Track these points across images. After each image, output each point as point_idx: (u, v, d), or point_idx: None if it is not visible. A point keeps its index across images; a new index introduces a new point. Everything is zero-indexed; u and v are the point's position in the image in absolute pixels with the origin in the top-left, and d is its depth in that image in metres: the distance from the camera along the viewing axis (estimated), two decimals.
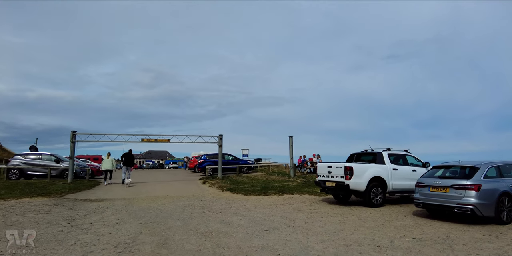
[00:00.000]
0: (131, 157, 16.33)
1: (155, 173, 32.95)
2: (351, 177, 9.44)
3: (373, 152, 10.89)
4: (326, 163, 10.47)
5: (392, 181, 10.06)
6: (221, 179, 16.21)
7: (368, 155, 11.18)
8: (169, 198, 11.79)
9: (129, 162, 15.97)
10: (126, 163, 15.95)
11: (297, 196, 11.98)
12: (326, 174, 10.24)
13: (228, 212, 8.79)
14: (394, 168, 10.23)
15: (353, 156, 11.55)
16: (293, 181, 16.33)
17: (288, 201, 10.91)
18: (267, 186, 14.03)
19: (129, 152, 16.51)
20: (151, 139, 16.54)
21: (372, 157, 10.87)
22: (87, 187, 14.34)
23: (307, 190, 13.26)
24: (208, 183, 15.40)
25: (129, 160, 16.06)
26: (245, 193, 12.50)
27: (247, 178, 16.53)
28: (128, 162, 15.96)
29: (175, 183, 16.71)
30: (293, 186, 14.57)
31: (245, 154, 37.56)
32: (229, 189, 13.48)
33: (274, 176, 17.64)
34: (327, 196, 11.94)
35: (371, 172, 9.77)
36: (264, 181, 15.96)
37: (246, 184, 14.60)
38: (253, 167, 23.92)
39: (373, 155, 10.80)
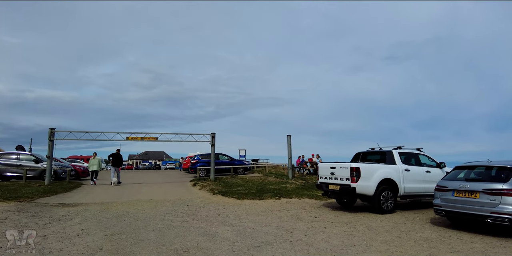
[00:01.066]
0: (119, 157, 15.68)
1: (149, 174, 31.66)
2: (358, 180, 8.18)
3: (382, 151, 9.65)
4: (328, 163, 9.22)
5: (404, 184, 8.82)
6: (213, 181, 14.95)
7: (376, 154, 9.94)
8: (152, 202, 10.52)
9: (116, 162, 15.37)
10: (113, 164, 15.38)
11: (295, 200, 10.72)
12: (329, 176, 8.99)
13: (215, 220, 7.53)
14: (406, 169, 8.99)
15: (359, 156, 10.31)
16: (291, 183, 15.08)
17: (286, 206, 9.65)
18: (263, 189, 12.77)
19: (117, 152, 15.80)
20: (136, 138, 15.27)
21: (381, 157, 9.63)
22: (65, 189, 13.05)
23: (306, 194, 12.01)
24: (199, 186, 14.13)
25: (117, 160, 15.43)
26: (238, 196, 11.24)
27: (242, 180, 15.27)
28: (116, 162, 15.36)
29: (164, 185, 15.44)
30: (291, 188, 13.32)
31: (242, 155, 36.37)
32: (220, 192, 12.22)
33: (271, 178, 16.39)
34: (329, 201, 10.70)
35: (381, 173, 8.52)
36: (260, 183, 14.70)
37: (240, 187, 13.34)
38: (249, 168, 22.65)
39: (382, 154, 9.56)
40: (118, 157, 15.64)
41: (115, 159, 15.49)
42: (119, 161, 15.58)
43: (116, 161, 15.46)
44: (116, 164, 15.41)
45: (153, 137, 15.38)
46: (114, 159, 15.49)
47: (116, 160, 15.46)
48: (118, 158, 15.59)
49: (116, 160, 15.46)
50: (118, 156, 15.64)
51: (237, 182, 14.75)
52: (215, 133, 15.92)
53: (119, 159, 15.62)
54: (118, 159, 15.54)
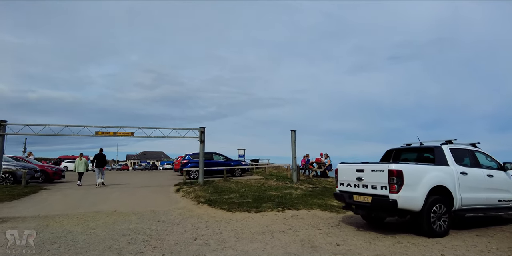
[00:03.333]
0: (102, 158, 14.86)
1: (139, 175, 29.04)
2: (400, 188, 5.53)
3: (425, 147, 7.02)
4: (352, 164, 6.56)
5: (460, 193, 6.18)
6: (202, 186, 12.34)
7: (416, 151, 7.33)
8: (114, 215, 7.93)
9: (100, 163, 14.57)
10: (97, 164, 14.56)
11: (304, 213, 8.09)
12: (354, 182, 6.33)
13: (186, 251, 4.91)
14: (462, 172, 6.34)
15: (391, 154, 7.67)
16: (296, 188, 12.45)
17: (292, 223, 7.02)
18: (261, 196, 10.14)
19: (100, 152, 14.95)
20: (108, 132, 12.68)
21: (425, 155, 7.03)
22: (13, 196, 10.44)
23: (317, 203, 9.38)
24: (183, 192, 11.50)
25: (100, 160, 14.62)
26: (228, 207, 8.61)
27: (237, 184, 12.65)
28: (99, 163, 14.57)
29: (142, 191, 12.82)
30: (297, 195, 10.68)
31: (241, 154, 33.84)
32: (207, 201, 9.59)
33: (272, 181, 13.76)
34: (348, 214, 8.06)
35: (431, 178, 5.87)
36: (259, 188, 12.07)
37: (234, 193, 10.71)
38: (248, 169, 20.01)
39: (427, 151, 6.95)
40: (102, 157, 14.79)
41: (98, 159, 14.61)
42: (103, 161, 14.79)
43: (100, 161, 14.58)
44: (99, 164, 14.54)
45: (128, 132, 12.80)
46: (97, 159, 14.61)
47: (99, 161, 14.59)
48: (101, 158, 14.73)
49: (99, 161, 14.58)
50: (101, 156, 14.78)
51: (231, 187, 12.12)
52: (204, 127, 13.30)
53: (102, 159, 14.80)
54: (101, 159, 14.69)
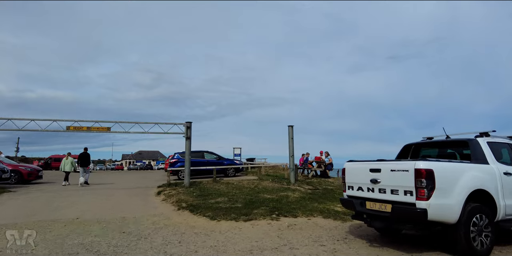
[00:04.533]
0: (86, 157, 14.54)
1: (130, 175, 27.58)
2: (430, 193, 4.14)
3: (455, 141, 5.64)
4: (365, 162, 5.16)
5: (505, 200, 4.80)
6: (187, 188, 10.93)
7: (441, 146, 5.97)
8: (73, 224, 6.55)
9: (83, 162, 14.28)
10: (81, 164, 14.28)
11: (303, 222, 6.70)
12: (368, 185, 4.93)
13: None
14: (506, 172, 4.97)
15: (409, 150, 6.28)
16: (294, 189, 11.06)
17: (288, 236, 5.63)
18: (253, 200, 8.76)
19: (84, 151, 14.65)
20: (81, 127, 11.25)
21: (451, 152, 5.66)
22: None
23: (318, 208, 8.00)
24: (164, 195, 10.09)
25: (83, 160, 14.33)
26: (212, 215, 7.21)
27: (227, 186, 11.25)
28: (83, 162, 14.29)
29: (120, 193, 11.39)
30: (294, 199, 9.31)
31: (237, 154, 32.54)
32: (190, 206, 8.19)
33: (267, 182, 12.37)
34: (355, 222, 6.68)
35: (470, 181, 4.49)
36: (252, 190, 10.68)
37: (222, 197, 9.31)
38: (242, 168, 18.59)
39: (456, 146, 5.60)
40: (85, 156, 14.50)
41: (81, 159, 14.35)
42: (86, 160, 14.46)
43: (83, 161, 14.30)
44: (83, 164, 14.25)
45: (104, 127, 11.37)
46: (81, 159, 14.36)
47: (83, 160, 14.31)
48: (85, 157, 14.44)
49: (83, 160, 14.30)
50: (85, 156, 14.51)
51: (220, 189, 10.71)
52: (190, 122, 11.88)
53: (86, 158, 14.49)
54: (85, 159, 14.39)
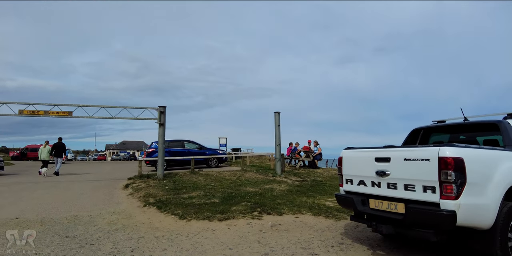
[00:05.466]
0: (60, 147, 14.12)
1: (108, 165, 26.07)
2: (460, 190, 3.07)
3: (479, 123, 4.59)
4: (369, 149, 4.04)
5: None
6: (160, 180, 9.71)
7: (457, 131, 4.92)
8: (8, 226, 5.30)
9: (57, 152, 13.99)
10: (55, 154, 13.98)
11: (289, 221, 5.62)
12: (372, 178, 3.83)
13: None
14: None
15: (417, 135, 5.22)
16: (280, 181, 10.00)
17: (271, 241, 4.53)
18: (234, 194, 7.65)
19: (58, 141, 14.28)
20: (37, 111, 9.80)
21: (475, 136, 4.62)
22: None
23: (306, 203, 6.95)
24: (132, 188, 8.85)
25: (57, 150, 14.00)
26: (182, 212, 6.06)
27: (206, 177, 10.08)
28: (57, 152, 13.99)
29: (83, 185, 10.08)
30: (280, 192, 8.24)
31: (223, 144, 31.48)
32: (158, 202, 7.01)
33: (251, 173, 11.26)
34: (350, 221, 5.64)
35: (507, 172, 3.44)
36: (233, 182, 9.56)
37: (198, 190, 8.16)
38: (225, 158, 17.43)
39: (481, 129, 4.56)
40: (59, 146, 14.11)
41: (56, 148, 14.00)
42: (60, 150, 14.08)
43: (57, 150, 13.97)
44: (57, 154, 13.94)
45: (65, 112, 9.94)
46: (55, 148, 14.00)
47: (57, 150, 13.97)
48: (59, 147, 14.06)
49: (57, 150, 13.97)
50: (59, 146, 14.12)
51: (197, 181, 9.54)
52: (165, 107, 10.56)
53: (60, 148, 14.11)
54: (59, 149, 14.04)
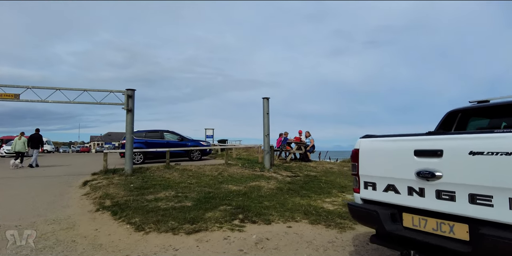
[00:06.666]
0: (36, 138, 13.88)
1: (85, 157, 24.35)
2: None
3: None
4: (399, 137, 2.67)
5: None
6: (128, 176, 8.26)
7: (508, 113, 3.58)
8: None
9: (34, 144, 13.76)
10: (32, 145, 13.78)
11: (280, 233, 4.28)
12: (411, 181, 2.47)
13: None
14: None
15: (454, 119, 3.87)
16: (269, 177, 8.67)
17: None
18: (212, 195, 6.28)
19: (36, 132, 14.07)
20: None
21: None
22: None
23: (301, 205, 5.62)
24: (90, 186, 7.37)
25: (34, 141, 13.78)
26: (141, 221, 4.65)
27: (183, 173, 8.66)
28: (33, 144, 13.77)
29: (34, 182, 8.54)
30: (269, 191, 6.90)
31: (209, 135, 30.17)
32: (114, 205, 5.58)
33: (235, 168, 9.89)
34: (357, 230, 4.33)
35: None
36: (214, 178, 8.17)
37: (168, 190, 6.75)
38: (209, 151, 16.00)
39: None
40: (36, 138, 13.86)
41: (32, 140, 13.77)
42: (38, 142, 13.88)
43: (34, 142, 13.73)
44: (33, 145, 13.72)
45: (10, 94, 8.31)
46: (32, 140, 13.78)
47: (34, 141, 13.74)
48: (35, 139, 13.82)
49: (33, 141, 13.73)
50: (35, 137, 13.88)
51: (171, 177, 8.11)
52: (133, 90, 9.00)
53: (36, 140, 13.86)
54: (35, 140, 13.78)
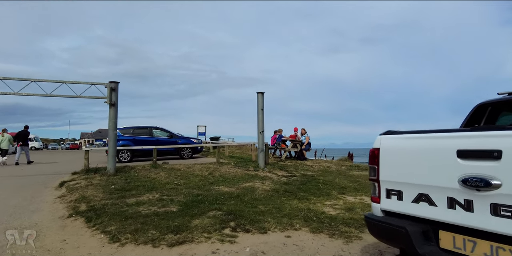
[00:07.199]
0: (23, 135, 13.84)
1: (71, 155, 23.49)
2: None
3: None
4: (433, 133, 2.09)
5: None
6: (111, 176, 7.59)
7: None
8: None
9: (19, 141, 13.66)
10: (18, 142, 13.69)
11: (277, 245, 3.69)
12: (455, 192, 1.90)
13: None
14: None
15: (484, 112, 3.31)
16: (263, 177, 8.09)
17: None
18: (201, 197, 5.66)
19: (24, 129, 14.02)
20: None
21: None
22: None
23: (300, 210, 5.04)
24: (67, 188, 6.69)
25: (20, 138, 13.72)
26: (118, 229, 4.02)
27: (170, 173, 8.02)
28: (19, 141, 13.67)
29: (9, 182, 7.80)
30: (263, 193, 6.31)
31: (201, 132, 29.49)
32: (90, 210, 4.93)
33: (227, 167, 9.27)
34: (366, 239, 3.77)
35: None
36: (204, 179, 7.55)
37: (153, 192, 6.11)
38: (201, 148, 15.33)
39: None
40: (22, 135, 13.83)
41: (18, 137, 13.77)
42: (23, 139, 13.73)
43: (20, 139, 13.67)
44: (24, 142, 13.70)
45: None
46: (18, 137, 13.78)
47: (19, 138, 13.69)
48: (22, 136, 13.80)
49: (19, 138, 13.69)
50: (22, 134, 13.85)
51: (157, 178, 7.47)
52: (117, 83, 8.28)
53: (23, 137, 13.81)
54: (21, 137, 13.73)
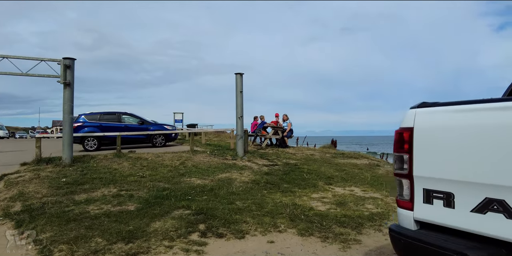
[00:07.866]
0: None
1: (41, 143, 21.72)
2: None
3: None
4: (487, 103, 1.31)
5: None
6: (65, 167, 6.54)
7: None
8: None
9: None
10: None
11: (258, 254, 2.89)
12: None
13: None
14: None
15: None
16: (242, 167, 7.26)
17: None
18: (167, 192, 4.77)
19: None
20: None
21: None
22: None
23: (284, 206, 4.25)
24: (6, 182, 5.57)
25: None
26: (53, 237, 3.13)
27: (135, 163, 7.05)
28: None
29: None
30: (242, 185, 5.49)
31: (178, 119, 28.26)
32: (24, 211, 3.95)
33: (202, 156, 8.37)
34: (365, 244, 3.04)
35: None
36: (174, 169, 6.64)
37: (110, 185, 5.16)
38: (175, 136, 14.27)
39: None
40: None
41: None
42: None
43: None
44: None
45: None
46: None
47: None
48: None
49: None
50: None
51: (119, 168, 6.49)
52: (73, 59, 7.11)
53: None
54: None
